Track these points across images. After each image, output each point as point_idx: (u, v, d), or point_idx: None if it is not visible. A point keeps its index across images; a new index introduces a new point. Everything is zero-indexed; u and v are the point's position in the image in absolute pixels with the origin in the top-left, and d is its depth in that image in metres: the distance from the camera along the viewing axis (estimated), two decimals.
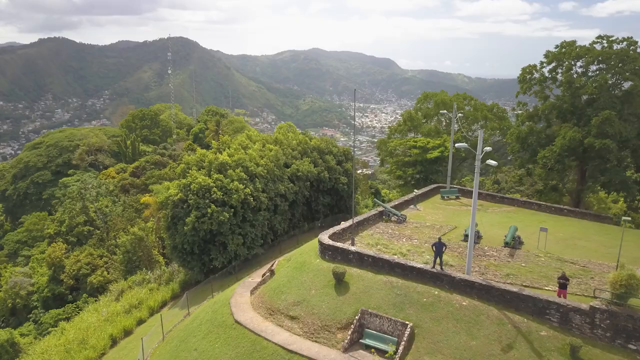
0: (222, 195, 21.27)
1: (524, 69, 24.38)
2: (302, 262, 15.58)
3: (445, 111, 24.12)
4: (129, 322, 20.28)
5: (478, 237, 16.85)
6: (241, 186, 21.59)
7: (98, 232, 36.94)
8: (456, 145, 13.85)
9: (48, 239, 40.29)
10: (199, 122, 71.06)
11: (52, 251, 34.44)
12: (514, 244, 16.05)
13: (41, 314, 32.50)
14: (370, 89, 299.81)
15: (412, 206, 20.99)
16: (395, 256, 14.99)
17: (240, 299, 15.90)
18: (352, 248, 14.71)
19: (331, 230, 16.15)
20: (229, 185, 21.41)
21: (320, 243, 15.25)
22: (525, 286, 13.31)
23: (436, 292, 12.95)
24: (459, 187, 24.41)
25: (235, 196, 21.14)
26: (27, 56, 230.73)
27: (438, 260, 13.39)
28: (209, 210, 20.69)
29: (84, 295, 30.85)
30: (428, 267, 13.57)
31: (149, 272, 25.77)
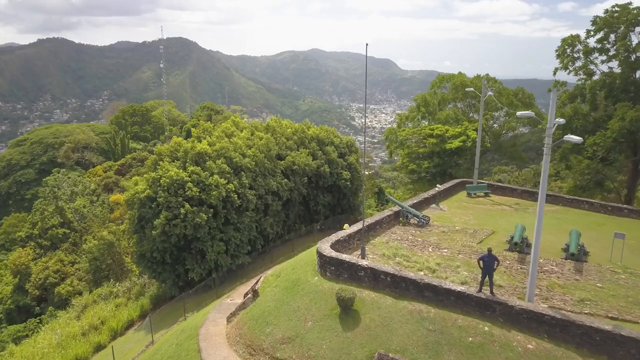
0: (199, 192, 17.31)
1: (564, 40, 20.35)
2: (295, 279, 11.57)
3: (472, 88, 20.14)
4: (83, 349, 16.40)
5: (526, 244, 12.79)
6: (223, 181, 17.61)
7: (75, 234, 33.14)
8: (518, 114, 9.84)
9: (20, 242, 36.55)
10: (192, 118, 67.61)
11: (17, 257, 30.54)
12: (578, 255, 12.00)
13: (3, 329, 28.59)
14: (370, 90, 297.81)
15: (433, 205, 16.95)
16: (422, 272, 10.98)
17: (213, 328, 11.93)
18: (364, 262, 10.69)
19: (334, 237, 12.13)
20: (208, 180, 17.44)
21: (320, 255, 11.23)
22: (613, 318, 9.28)
23: (486, 329, 8.94)
24: (487, 182, 20.31)
25: (214, 193, 17.15)
26: (26, 57, 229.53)
27: (486, 280, 9.38)
28: (182, 210, 16.73)
29: (50, 308, 26.94)
30: (472, 290, 9.54)
31: (117, 284, 21.80)
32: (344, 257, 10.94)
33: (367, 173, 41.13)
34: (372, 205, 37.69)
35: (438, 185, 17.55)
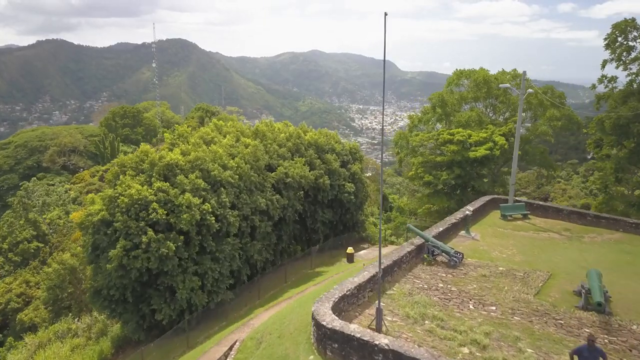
0: (166, 214, 13.81)
1: (615, 26, 16.76)
2: (281, 356, 7.99)
3: (507, 85, 16.58)
4: None
5: (605, 297, 9.16)
6: (196, 200, 14.09)
7: (45, 250, 29.73)
8: None
9: None
10: (187, 119, 64.47)
11: None
12: None
13: None
14: (370, 91, 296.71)
15: (463, 232, 13.37)
16: (466, 349, 7.41)
17: None
18: (382, 339, 7.10)
19: (337, 292, 8.56)
20: (177, 200, 13.94)
21: (318, 325, 7.65)
22: None
23: None
24: (525, 200, 16.64)
25: (185, 216, 13.64)
26: (25, 58, 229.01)
27: None
28: (144, 238, 13.22)
29: (10, 338, 23.43)
30: None
31: (76, 320, 18.26)
32: (353, 329, 7.34)
33: (368, 174, 37.29)
34: (375, 213, 34.05)
35: (469, 207, 13.92)
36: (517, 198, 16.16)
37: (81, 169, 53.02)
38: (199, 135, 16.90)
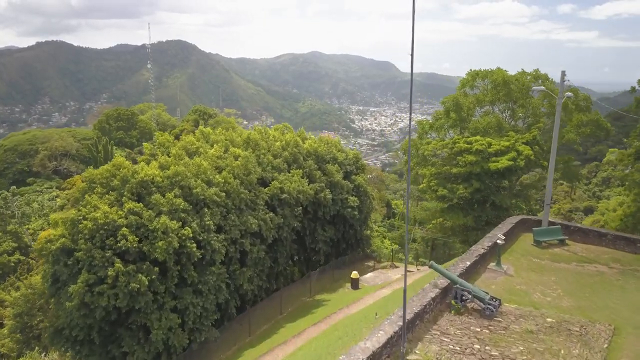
0: (138, 241, 11.63)
1: None
2: None
3: (542, 88, 14.37)
4: None
5: None
6: (174, 224, 11.91)
7: (23, 265, 27.61)
8: None
9: None
10: (183, 122, 62.57)
11: None
12: None
13: None
14: (370, 92, 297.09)
15: (493, 265, 11.12)
16: None
17: None
18: None
19: None
20: (152, 224, 11.76)
21: None
22: None
23: None
24: (560, 221, 14.38)
25: (160, 243, 11.45)
26: (24, 59, 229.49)
27: None
28: (110, 271, 11.04)
29: None
30: None
31: (43, 355, 16.06)
32: None
33: (369, 176, 34.99)
34: (377, 221, 31.79)
35: (499, 234, 11.64)
36: (553, 220, 13.88)
37: (74, 174, 51.16)
38: (182, 146, 14.70)
